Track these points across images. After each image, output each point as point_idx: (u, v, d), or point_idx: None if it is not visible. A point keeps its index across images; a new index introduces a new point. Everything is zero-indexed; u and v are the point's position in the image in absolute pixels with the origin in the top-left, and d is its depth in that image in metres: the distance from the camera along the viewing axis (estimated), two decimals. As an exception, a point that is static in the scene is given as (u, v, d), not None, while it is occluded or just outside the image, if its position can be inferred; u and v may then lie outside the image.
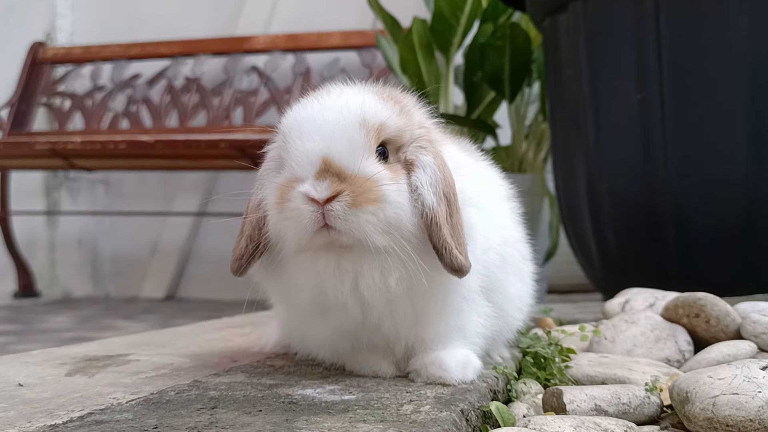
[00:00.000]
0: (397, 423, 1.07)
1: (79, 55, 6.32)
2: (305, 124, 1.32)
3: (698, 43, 2.48)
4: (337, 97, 1.36)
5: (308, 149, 1.29)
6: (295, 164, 1.30)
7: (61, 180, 6.52)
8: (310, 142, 1.29)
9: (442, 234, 1.30)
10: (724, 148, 2.47)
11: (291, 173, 1.30)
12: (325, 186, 1.25)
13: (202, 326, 2.49)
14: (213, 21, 6.31)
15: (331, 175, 1.26)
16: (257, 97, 5.82)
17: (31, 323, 4.26)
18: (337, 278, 1.31)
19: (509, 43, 3.80)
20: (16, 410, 1.19)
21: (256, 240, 1.39)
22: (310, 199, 1.25)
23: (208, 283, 6.10)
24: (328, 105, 1.34)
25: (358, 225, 1.25)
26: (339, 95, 1.37)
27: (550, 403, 1.32)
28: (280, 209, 1.30)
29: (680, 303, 1.85)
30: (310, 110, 1.35)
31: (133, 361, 1.67)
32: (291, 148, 1.32)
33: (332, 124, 1.30)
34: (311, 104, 1.37)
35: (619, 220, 2.71)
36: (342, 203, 1.24)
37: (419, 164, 1.35)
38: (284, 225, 1.30)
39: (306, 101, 1.39)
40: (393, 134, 1.34)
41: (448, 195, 1.35)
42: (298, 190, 1.26)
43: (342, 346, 1.46)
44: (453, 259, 1.30)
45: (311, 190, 1.25)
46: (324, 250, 1.29)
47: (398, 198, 1.29)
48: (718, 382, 1.18)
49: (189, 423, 1.08)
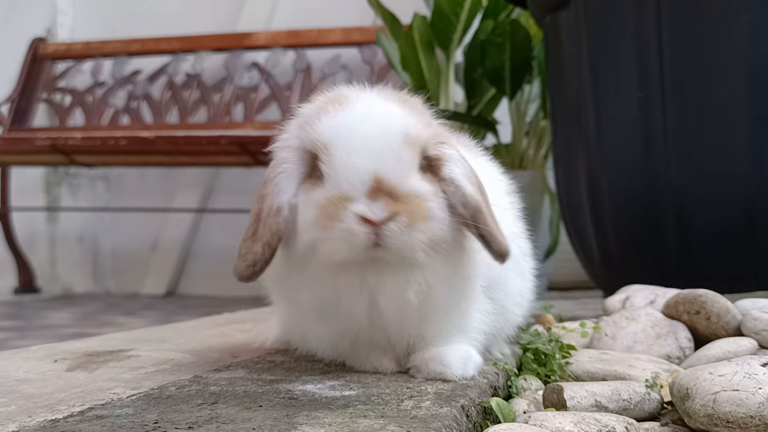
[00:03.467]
0: (397, 418, 1.07)
1: (79, 51, 6.32)
2: (351, 138, 1.27)
3: (700, 40, 2.48)
4: (374, 109, 1.33)
5: (358, 167, 1.24)
6: (343, 181, 1.25)
7: (62, 176, 6.52)
8: (360, 160, 1.25)
9: (488, 222, 1.31)
10: (724, 145, 2.47)
11: (338, 190, 1.25)
12: (381, 207, 1.22)
13: (202, 322, 2.49)
14: (214, 17, 6.30)
15: (384, 195, 1.23)
16: (258, 94, 5.81)
17: (31, 319, 4.27)
18: (357, 291, 1.30)
19: (510, 40, 3.79)
20: (17, 405, 1.19)
21: (274, 247, 1.32)
22: (364, 219, 1.22)
23: (209, 280, 6.10)
24: (371, 118, 1.31)
25: (411, 244, 1.24)
26: (376, 105, 1.34)
27: (550, 399, 1.33)
28: (326, 227, 1.25)
29: (681, 300, 1.85)
30: (351, 123, 1.30)
31: (134, 357, 1.67)
32: (336, 163, 1.26)
33: (380, 141, 1.27)
34: (350, 116, 1.31)
35: (619, 217, 2.70)
36: (398, 224, 1.23)
37: (448, 158, 1.35)
38: (333, 245, 1.25)
39: (340, 111, 1.33)
40: (425, 146, 1.33)
41: (479, 184, 1.36)
42: (353, 210, 1.22)
43: (342, 344, 1.46)
44: (500, 245, 1.31)
45: (368, 212, 1.21)
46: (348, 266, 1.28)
47: (442, 213, 1.29)
48: (719, 379, 1.18)
49: (189, 418, 1.08)
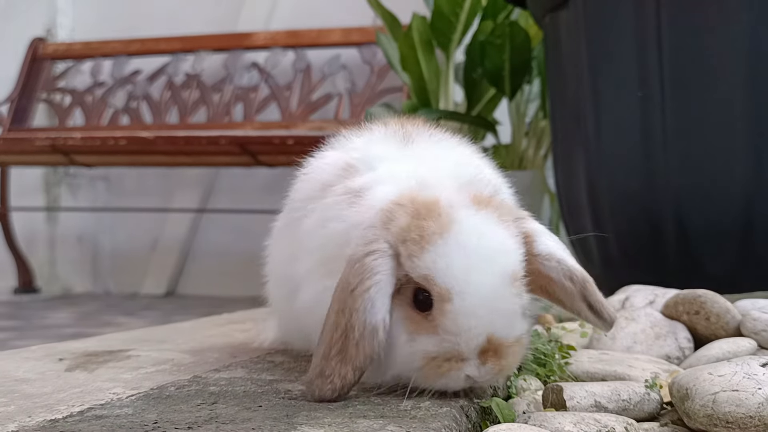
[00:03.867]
0: (397, 419, 1.07)
1: (79, 51, 6.32)
2: (470, 294, 1.15)
3: (699, 41, 2.48)
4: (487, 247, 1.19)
5: (477, 327, 1.16)
6: (462, 342, 1.16)
7: (61, 176, 6.52)
8: (478, 319, 1.16)
9: (597, 294, 1.29)
10: (724, 145, 2.47)
11: (453, 348, 1.16)
12: (488, 369, 1.18)
13: (202, 322, 2.49)
14: (213, 17, 6.31)
15: (492, 354, 1.18)
16: (257, 94, 5.81)
17: (31, 319, 4.27)
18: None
19: (509, 41, 3.80)
20: (16, 405, 1.19)
21: (365, 371, 1.18)
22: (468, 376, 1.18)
23: (209, 280, 6.11)
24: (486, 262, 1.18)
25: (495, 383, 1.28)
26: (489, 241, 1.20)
27: (550, 399, 1.32)
28: (430, 378, 1.18)
29: (680, 300, 1.85)
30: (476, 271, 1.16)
31: (134, 357, 1.67)
32: (456, 320, 1.15)
33: (496, 296, 1.18)
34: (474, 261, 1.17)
35: (618, 217, 2.70)
36: (494, 376, 1.21)
37: (537, 233, 1.30)
38: (432, 384, 1.19)
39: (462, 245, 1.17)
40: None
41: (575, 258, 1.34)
42: (463, 372, 1.17)
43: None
44: (609, 313, 1.30)
45: (478, 376, 1.18)
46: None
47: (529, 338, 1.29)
48: (718, 379, 1.18)
49: (189, 418, 1.08)
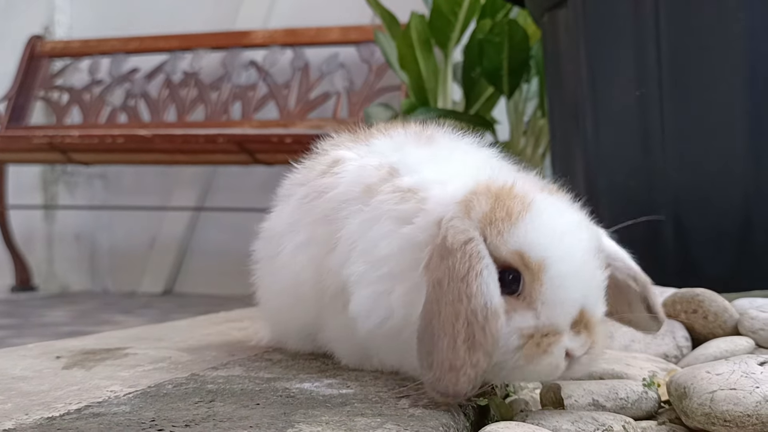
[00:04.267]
0: (395, 417, 1.07)
1: (77, 49, 6.31)
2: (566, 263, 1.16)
3: (698, 40, 2.48)
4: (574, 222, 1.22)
5: (572, 299, 1.16)
6: (558, 314, 1.15)
7: (59, 174, 6.51)
8: (573, 291, 1.16)
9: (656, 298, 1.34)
10: (723, 144, 2.47)
11: (550, 322, 1.15)
12: (582, 342, 1.18)
13: (199, 320, 2.49)
14: (211, 15, 6.30)
15: (583, 327, 1.18)
16: (256, 92, 5.81)
17: (28, 317, 4.26)
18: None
19: (507, 39, 3.79)
20: (13, 403, 1.19)
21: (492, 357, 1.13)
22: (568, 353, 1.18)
23: (206, 278, 6.10)
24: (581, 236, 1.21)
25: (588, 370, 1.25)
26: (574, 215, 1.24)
27: (547, 397, 1.32)
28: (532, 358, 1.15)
29: (678, 299, 1.85)
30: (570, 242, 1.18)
31: (131, 355, 1.67)
32: (552, 290, 1.15)
33: (589, 269, 1.20)
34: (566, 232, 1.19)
35: (617, 215, 2.70)
36: (589, 358, 1.20)
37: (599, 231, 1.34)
38: (533, 370, 1.17)
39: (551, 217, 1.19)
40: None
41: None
42: (563, 345, 1.16)
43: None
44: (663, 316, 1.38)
45: (574, 348, 1.17)
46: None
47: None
48: (716, 378, 1.18)
49: (186, 416, 1.07)
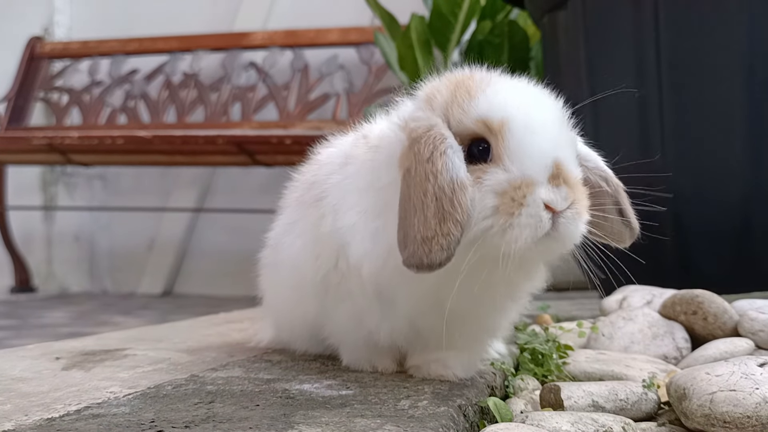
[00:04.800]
0: (394, 418, 1.07)
1: (76, 50, 6.32)
2: (533, 118, 1.20)
3: (697, 41, 2.48)
4: (536, 89, 1.29)
5: (543, 149, 1.18)
6: (529, 164, 1.17)
7: (59, 175, 6.52)
8: (543, 142, 1.19)
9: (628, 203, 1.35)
10: (722, 145, 2.47)
11: (522, 173, 1.17)
12: (564, 195, 1.17)
13: (199, 321, 2.49)
14: (211, 17, 6.31)
15: (563, 182, 1.18)
16: (255, 93, 5.81)
17: (27, 318, 4.26)
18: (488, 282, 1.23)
19: (507, 41, 3.80)
20: (13, 404, 1.19)
21: (464, 226, 1.16)
22: (547, 206, 1.16)
23: (206, 279, 6.10)
24: (542, 99, 1.27)
25: (577, 234, 1.21)
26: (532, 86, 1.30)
27: (547, 399, 1.32)
28: (511, 213, 1.16)
29: (678, 300, 1.85)
30: (528, 101, 1.23)
31: (130, 356, 1.67)
32: (519, 143, 1.18)
33: (557, 123, 1.23)
34: (522, 94, 1.25)
35: (616, 217, 2.70)
36: (573, 212, 1.19)
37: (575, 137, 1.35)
38: (516, 231, 1.16)
39: (502, 89, 1.24)
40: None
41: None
42: (540, 196, 1.16)
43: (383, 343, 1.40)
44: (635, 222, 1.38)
45: (554, 199, 1.16)
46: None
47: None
48: (716, 379, 1.18)
49: (186, 417, 1.07)
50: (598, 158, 1.38)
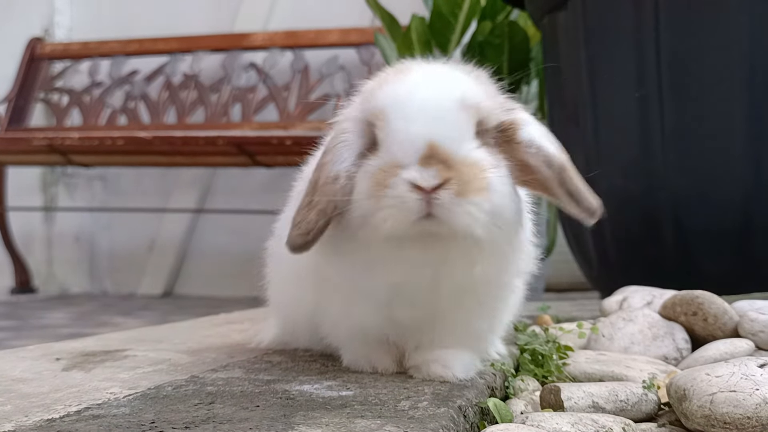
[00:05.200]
0: (394, 419, 1.07)
1: (77, 51, 6.32)
2: (407, 103, 1.24)
3: (697, 42, 2.48)
4: (434, 75, 1.30)
5: (412, 133, 1.21)
6: (396, 148, 1.21)
7: (59, 176, 6.52)
8: (413, 125, 1.21)
9: (575, 180, 1.30)
10: (722, 146, 2.47)
11: (390, 157, 1.21)
12: (433, 173, 1.17)
13: (199, 322, 2.49)
14: (211, 17, 6.31)
15: (437, 162, 1.18)
16: (255, 94, 5.82)
17: (27, 319, 4.26)
18: (420, 270, 1.26)
19: (507, 41, 3.80)
20: (13, 405, 1.19)
21: (329, 216, 1.27)
22: (415, 187, 1.17)
23: (206, 280, 6.10)
24: (428, 83, 1.27)
25: (463, 216, 1.19)
26: (434, 72, 1.31)
27: (547, 399, 1.32)
28: (378, 196, 1.21)
29: (678, 301, 1.85)
30: (409, 88, 1.27)
31: (131, 357, 1.67)
32: (391, 129, 1.23)
33: (436, 105, 1.23)
34: (409, 81, 1.28)
35: (616, 218, 2.70)
36: (449, 192, 1.17)
37: (522, 122, 1.33)
38: (383, 214, 1.20)
39: (400, 76, 1.30)
40: (485, 115, 1.28)
41: (559, 146, 1.35)
42: (403, 176, 1.18)
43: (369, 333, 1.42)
44: (589, 202, 1.30)
45: (418, 178, 1.17)
46: (411, 241, 1.22)
47: (502, 187, 1.24)
48: (716, 380, 1.18)
49: (186, 418, 1.07)
50: (542, 141, 1.32)
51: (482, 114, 1.27)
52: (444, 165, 1.18)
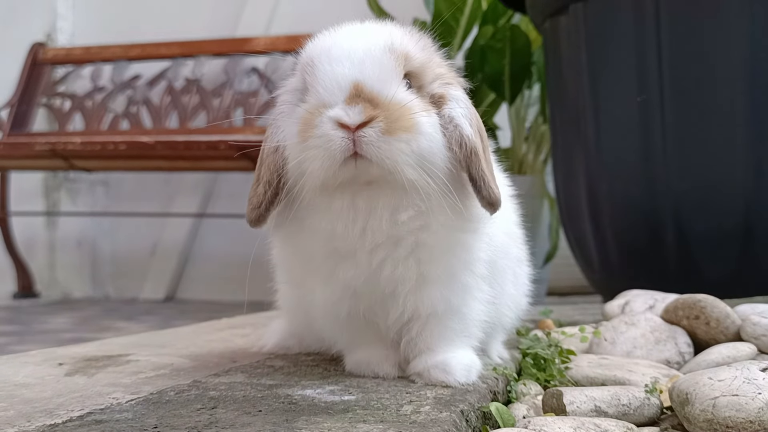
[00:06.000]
0: (397, 423, 1.07)
1: (79, 56, 6.32)
2: (334, 49, 1.28)
3: (698, 46, 2.48)
4: (363, 27, 1.35)
5: (338, 74, 1.24)
6: (322, 90, 1.25)
7: (61, 181, 6.52)
8: (339, 67, 1.24)
9: (481, 166, 1.28)
10: (723, 150, 2.47)
11: (317, 99, 1.25)
12: (358, 111, 1.20)
13: (201, 327, 2.49)
14: (213, 22, 6.31)
15: (363, 101, 1.20)
16: (257, 99, 5.81)
17: (30, 324, 4.26)
18: (350, 218, 1.27)
19: (509, 45, 3.81)
20: (16, 410, 1.19)
21: (275, 186, 1.33)
22: (340, 124, 1.19)
23: (208, 284, 6.10)
24: (356, 31, 1.32)
25: (391, 153, 1.20)
26: (364, 26, 1.36)
27: (549, 404, 1.32)
28: (305, 138, 1.24)
29: (680, 305, 1.85)
30: (337, 36, 1.32)
31: (133, 362, 1.67)
32: (318, 73, 1.27)
33: (362, 49, 1.26)
34: (338, 31, 1.34)
35: (618, 222, 2.71)
36: (375, 129, 1.19)
37: (451, 97, 1.33)
38: (310, 155, 1.23)
39: (331, 30, 1.35)
40: (417, 67, 1.31)
41: (480, 129, 1.34)
42: (328, 114, 1.21)
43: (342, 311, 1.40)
44: (489, 191, 1.28)
45: (342, 115, 1.19)
46: (340, 190, 1.25)
47: (431, 129, 1.25)
48: (718, 384, 1.18)
49: (189, 423, 1.07)
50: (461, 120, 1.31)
51: (413, 64, 1.30)
52: (370, 104, 1.21)
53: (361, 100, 1.20)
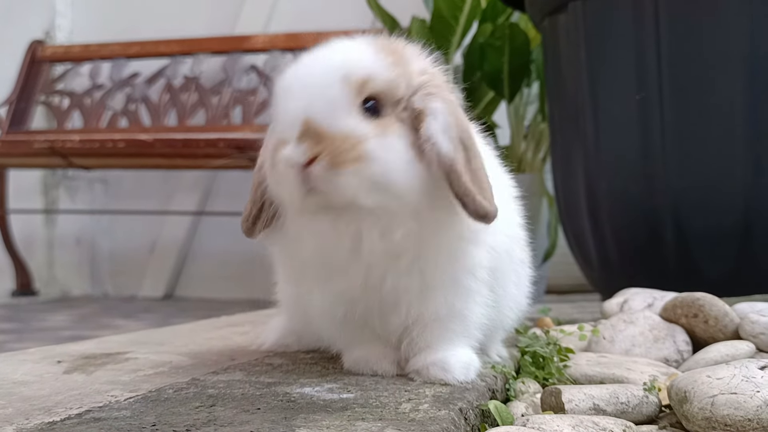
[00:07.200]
0: (395, 421, 1.07)
1: (78, 54, 6.31)
2: (291, 81, 1.31)
3: (698, 44, 2.48)
4: (326, 52, 1.33)
5: (290, 110, 1.26)
6: (279, 126, 1.29)
7: (60, 178, 6.51)
8: (292, 102, 1.27)
9: (462, 182, 1.26)
10: (723, 148, 2.47)
11: (277, 135, 1.29)
12: (303, 150, 1.22)
13: (200, 325, 2.49)
14: (212, 20, 6.31)
15: (309, 138, 1.22)
16: (256, 97, 5.81)
17: (29, 322, 4.26)
18: (334, 239, 1.29)
19: (508, 43, 3.81)
20: (14, 407, 1.19)
21: (259, 202, 1.39)
22: (292, 164, 1.23)
23: (207, 282, 6.10)
24: (313, 62, 1.31)
25: (339, 186, 1.21)
26: (329, 49, 1.33)
27: (548, 402, 1.33)
28: (270, 173, 1.31)
29: (679, 303, 1.85)
30: (297, 68, 1.32)
31: (132, 359, 1.67)
32: (278, 108, 1.30)
33: (314, 82, 1.27)
34: (301, 62, 1.33)
35: (617, 220, 2.71)
36: (321, 165, 1.21)
37: (429, 112, 1.30)
38: (277, 189, 1.31)
39: (300, 58, 1.35)
40: (383, 87, 1.28)
41: (464, 139, 1.30)
42: (282, 154, 1.24)
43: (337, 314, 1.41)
44: (477, 205, 1.25)
45: (291, 155, 1.22)
46: (322, 212, 1.27)
47: (383, 154, 1.24)
48: (717, 382, 1.18)
49: (187, 421, 1.07)
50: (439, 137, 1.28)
51: (377, 85, 1.28)
52: (314, 140, 1.22)
53: (308, 137, 1.22)
